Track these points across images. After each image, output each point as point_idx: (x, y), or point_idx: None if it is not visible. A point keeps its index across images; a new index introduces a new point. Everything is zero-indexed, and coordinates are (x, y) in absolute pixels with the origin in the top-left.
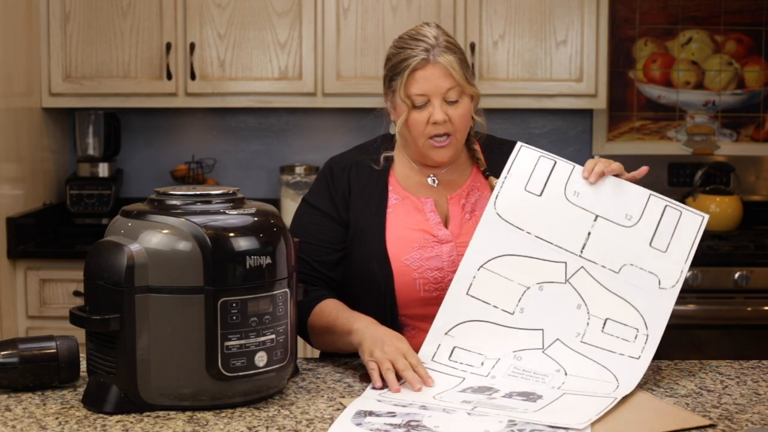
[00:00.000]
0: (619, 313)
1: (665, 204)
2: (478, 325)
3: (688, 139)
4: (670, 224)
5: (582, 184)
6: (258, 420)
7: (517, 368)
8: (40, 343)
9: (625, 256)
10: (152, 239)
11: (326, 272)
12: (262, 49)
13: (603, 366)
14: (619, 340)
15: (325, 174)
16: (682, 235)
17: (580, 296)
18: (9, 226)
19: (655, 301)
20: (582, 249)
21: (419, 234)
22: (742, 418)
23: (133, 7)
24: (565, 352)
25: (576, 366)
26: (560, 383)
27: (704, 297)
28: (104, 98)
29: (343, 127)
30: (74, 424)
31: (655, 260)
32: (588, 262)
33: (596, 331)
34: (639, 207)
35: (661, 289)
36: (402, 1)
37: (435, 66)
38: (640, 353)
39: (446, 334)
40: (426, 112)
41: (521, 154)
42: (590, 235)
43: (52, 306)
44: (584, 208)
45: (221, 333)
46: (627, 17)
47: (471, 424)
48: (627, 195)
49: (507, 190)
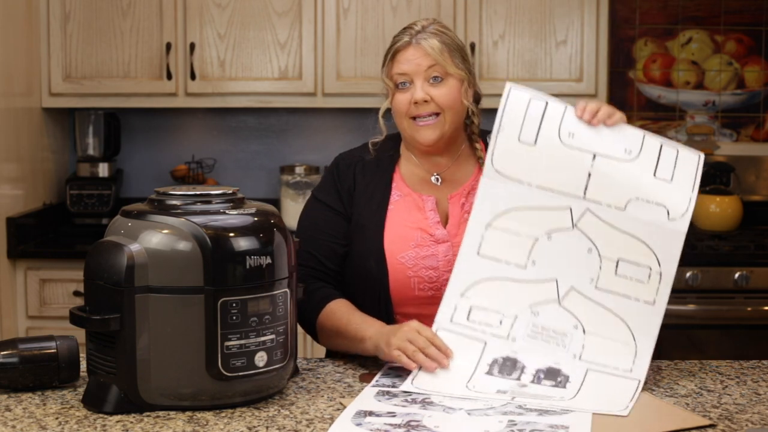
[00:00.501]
0: (631, 251)
1: (661, 143)
2: (492, 283)
3: (688, 139)
4: (670, 158)
5: (576, 124)
6: (258, 420)
7: (535, 326)
8: (40, 343)
9: (630, 191)
10: (152, 239)
11: (332, 266)
12: (262, 49)
13: (620, 318)
14: (633, 282)
15: (332, 170)
16: (683, 168)
17: (590, 239)
18: (9, 226)
19: (665, 235)
20: (585, 191)
21: (417, 232)
22: (742, 418)
23: (133, 7)
24: (580, 302)
25: (593, 320)
26: (580, 349)
27: (704, 297)
28: (104, 98)
29: (343, 127)
30: (74, 424)
31: (662, 190)
32: (592, 203)
33: (610, 275)
34: (637, 142)
35: (671, 220)
36: (402, 1)
37: (417, 47)
38: (654, 296)
39: (462, 296)
40: (408, 93)
41: (511, 98)
42: (591, 175)
43: (52, 306)
44: (581, 149)
45: (221, 333)
46: (627, 17)
47: (471, 424)
48: (622, 133)
49: (501, 144)
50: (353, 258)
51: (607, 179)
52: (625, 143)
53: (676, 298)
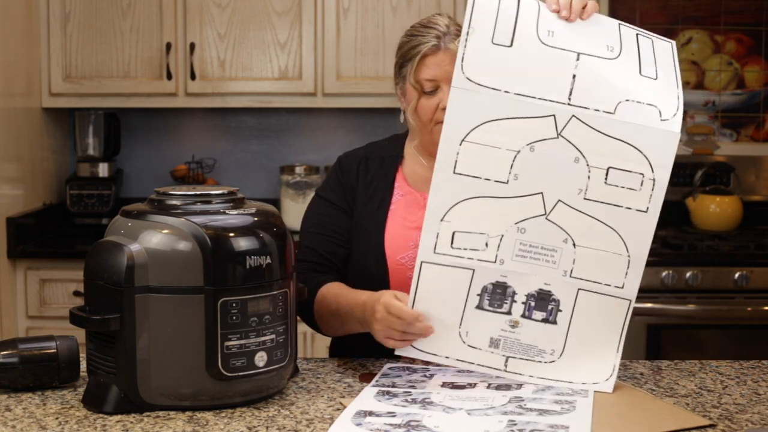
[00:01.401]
0: (621, 158)
1: (636, 32)
2: (473, 203)
3: (688, 139)
4: (648, 51)
5: (554, 21)
6: (258, 420)
7: (523, 244)
8: (40, 343)
9: (618, 92)
10: (152, 239)
11: (335, 261)
12: (262, 49)
13: (611, 228)
14: (624, 190)
15: (336, 168)
16: (663, 61)
17: (576, 148)
18: (9, 226)
19: (659, 137)
20: (569, 95)
21: (416, 232)
22: (742, 418)
23: (133, 7)
24: (569, 214)
25: (583, 232)
26: (570, 264)
27: (704, 297)
28: (104, 98)
29: (343, 127)
30: (74, 424)
31: (650, 90)
32: (578, 108)
33: (599, 184)
34: (615, 37)
35: (663, 121)
36: (402, 1)
37: (446, 52)
38: (647, 204)
39: (442, 220)
40: (435, 99)
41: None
42: (575, 77)
43: (52, 306)
44: (563, 48)
45: (221, 333)
46: (627, 17)
47: (471, 424)
48: (600, 25)
49: (473, 47)
50: (354, 257)
51: (593, 81)
52: (605, 38)
53: (676, 298)
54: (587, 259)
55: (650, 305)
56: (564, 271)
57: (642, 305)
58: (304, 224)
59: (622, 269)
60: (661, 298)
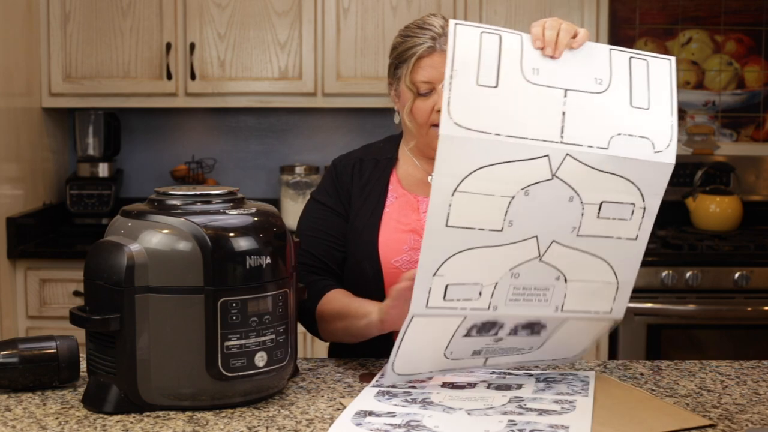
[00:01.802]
0: (614, 192)
1: (629, 55)
2: (467, 255)
3: (688, 139)
4: (641, 77)
5: (538, 57)
6: (258, 420)
7: (516, 288)
8: (40, 343)
9: (610, 127)
10: (152, 239)
11: (330, 264)
12: (262, 49)
13: (601, 258)
14: (614, 221)
15: (331, 171)
16: (657, 85)
17: (571, 188)
18: (9, 226)
19: (653, 169)
20: (561, 133)
21: (410, 236)
22: (742, 418)
23: (133, 7)
24: (562, 253)
25: (575, 267)
26: (562, 299)
27: (704, 297)
28: (104, 98)
29: (343, 127)
30: (74, 424)
31: (642, 121)
32: (572, 146)
33: (592, 220)
34: (605, 67)
35: (657, 152)
36: (402, 1)
37: (441, 54)
38: (636, 231)
39: (435, 275)
40: (431, 101)
41: (460, 36)
42: (565, 114)
43: (52, 306)
44: (550, 86)
45: (221, 333)
46: (627, 17)
47: (471, 424)
48: (588, 57)
49: (458, 91)
50: (349, 260)
51: (583, 117)
52: (594, 70)
53: (676, 298)
54: (578, 292)
55: (650, 305)
56: (555, 306)
57: (642, 305)
58: (300, 227)
59: (611, 295)
60: (661, 298)
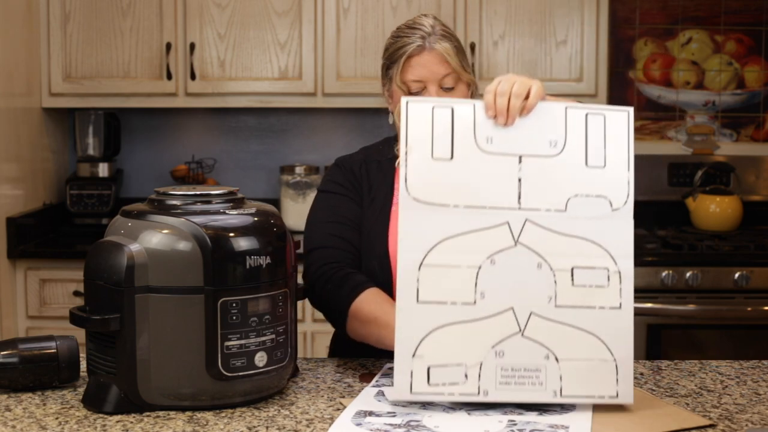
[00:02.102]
0: (583, 256)
1: (585, 112)
2: (444, 332)
3: (688, 139)
4: (598, 134)
5: (491, 126)
6: (258, 420)
7: (504, 369)
8: (40, 343)
9: (567, 188)
10: (152, 239)
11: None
12: (262, 49)
13: (589, 333)
14: (592, 289)
15: (338, 167)
16: (614, 140)
17: (537, 254)
18: (9, 226)
19: (612, 227)
20: (519, 199)
21: None
22: (742, 418)
23: (133, 7)
24: (544, 326)
25: (563, 343)
26: (558, 382)
27: (704, 297)
28: (104, 98)
29: (343, 127)
30: (74, 424)
31: (598, 180)
32: (530, 211)
33: (567, 288)
34: (560, 127)
35: (615, 211)
36: (402, 1)
37: (431, 52)
38: (619, 299)
39: (414, 356)
40: None
41: (411, 113)
42: (521, 180)
43: (52, 306)
44: (504, 153)
45: (221, 333)
46: (627, 17)
47: (471, 424)
48: (542, 119)
49: (413, 167)
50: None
51: (540, 181)
52: (548, 133)
53: (676, 298)
54: (574, 373)
55: (650, 305)
56: (554, 391)
57: (642, 305)
58: (316, 217)
59: (612, 376)
60: (661, 298)
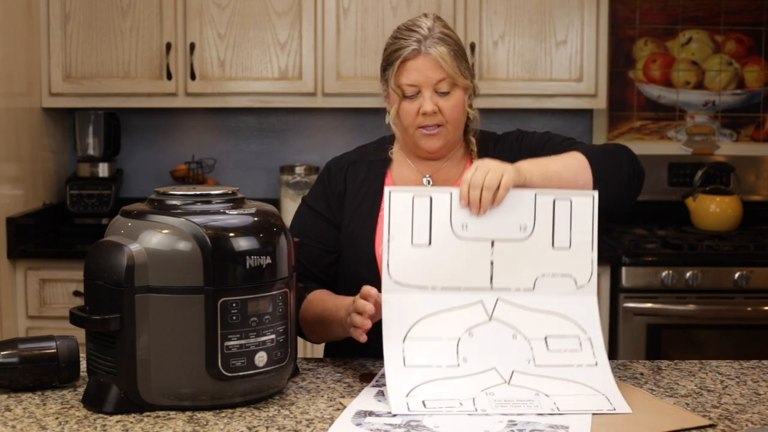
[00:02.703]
0: (554, 327)
1: (553, 198)
2: (433, 385)
3: (688, 139)
4: (564, 218)
5: (466, 213)
6: (258, 420)
7: (498, 400)
8: (40, 343)
9: (534, 269)
10: (152, 239)
11: (318, 274)
12: (262, 49)
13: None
14: (567, 352)
15: (323, 175)
16: (579, 223)
17: (511, 327)
18: (9, 226)
19: (579, 303)
20: (491, 281)
21: None
22: (742, 418)
23: (133, 7)
24: (528, 379)
25: (552, 388)
26: (553, 405)
27: (704, 297)
28: (104, 98)
29: (343, 127)
30: (74, 424)
31: (564, 261)
32: (502, 291)
33: (543, 353)
34: (529, 213)
35: (579, 288)
36: (402, 1)
37: (426, 57)
38: (594, 359)
39: (408, 395)
40: (416, 103)
41: (393, 202)
42: (493, 263)
43: (52, 306)
44: (477, 238)
45: (221, 333)
46: (627, 17)
47: (471, 424)
48: (513, 205)
49: (395, 254)
50: (345, 264)
51: (510, 263)
52: (519, 218)
53: (676, 298)
54: (569, 400)
55: (650, 305)
56: (551, 409)
57: (642, 305)
58: (292, 231)
59: (605, 404)
60: (661, 298)
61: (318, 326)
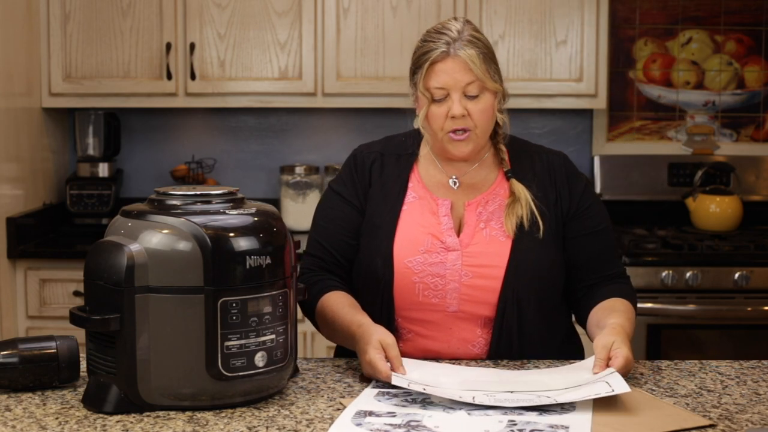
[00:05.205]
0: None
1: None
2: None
3: (688, 139)
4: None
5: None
6: (258, 420)
7: (498, 400)
8: (40, 343)
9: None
10: (152, 239)
11: (340, 258)
12: (262, 49)
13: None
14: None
15: (350, 162)
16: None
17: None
18: (9, 226)
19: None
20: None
21: (428, 237)
22: (742, 418)
23: (133, 7)
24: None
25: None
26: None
27: (704, 297)
28: (104, 98)
29: (343, 127)
30: (74, 424)
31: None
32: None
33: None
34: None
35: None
36: (402, 1)
37: (455, 59)
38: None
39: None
40: (445, 106)
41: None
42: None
43: (52, 306)
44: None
45: (221, 333)
46: (627, 17)
47: (471, 424)
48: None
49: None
50: (361, 256)
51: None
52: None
53: (676, 298)
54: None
55: (650, 305)
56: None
57: (642, 305)
58: (315, 215)
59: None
60: (661, 298)
61: (327, 330)
